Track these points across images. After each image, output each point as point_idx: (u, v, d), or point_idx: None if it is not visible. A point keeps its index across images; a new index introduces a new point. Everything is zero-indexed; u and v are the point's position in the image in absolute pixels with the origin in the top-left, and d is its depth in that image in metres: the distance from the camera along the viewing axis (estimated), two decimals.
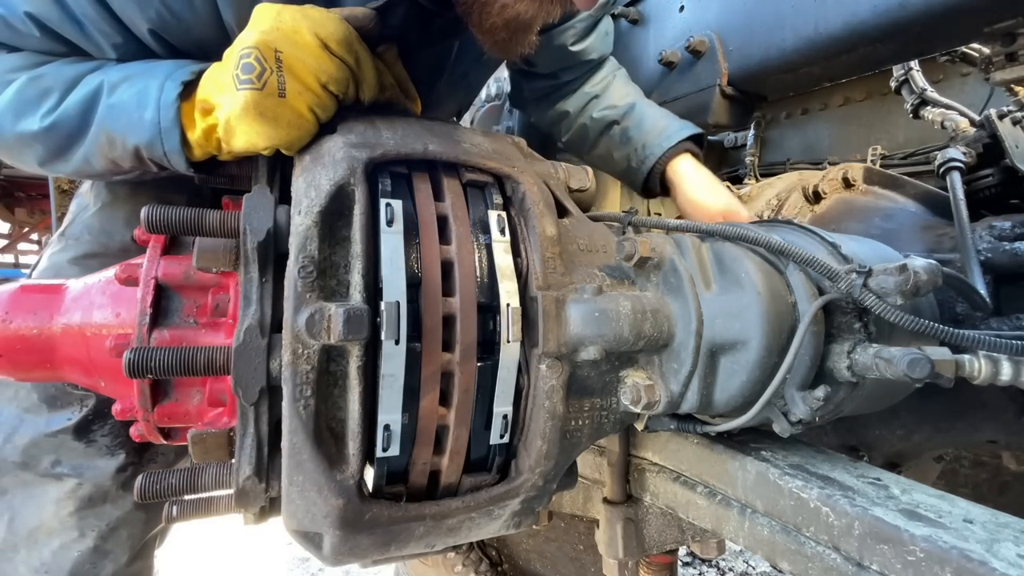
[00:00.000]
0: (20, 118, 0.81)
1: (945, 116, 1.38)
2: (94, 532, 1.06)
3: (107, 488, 1.07)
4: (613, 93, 1.47)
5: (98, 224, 1.12)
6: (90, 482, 1.05)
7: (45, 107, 0.80)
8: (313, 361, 0.58)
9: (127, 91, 0.79)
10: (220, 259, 0.66)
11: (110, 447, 1.07)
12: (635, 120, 1.40)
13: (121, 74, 0.81)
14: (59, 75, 0.82)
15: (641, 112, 1.41)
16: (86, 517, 1.06)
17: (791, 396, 0.70)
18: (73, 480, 1.05)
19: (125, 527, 1.09)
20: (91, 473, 1.05)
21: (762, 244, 0.74)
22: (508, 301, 0.66)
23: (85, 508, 1.06)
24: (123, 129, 0.78)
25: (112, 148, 0.81)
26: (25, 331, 0.73)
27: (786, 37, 1.35)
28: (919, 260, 0.63)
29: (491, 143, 0.78)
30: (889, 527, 0.59)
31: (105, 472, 1.06)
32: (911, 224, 1.16)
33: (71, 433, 1.04)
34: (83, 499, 1.05)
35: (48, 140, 0.82)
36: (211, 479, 0.67)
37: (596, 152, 1.50)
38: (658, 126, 1.37)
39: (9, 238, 7.90)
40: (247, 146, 0.71)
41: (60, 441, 1.04)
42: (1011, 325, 0.87)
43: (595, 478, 1.02)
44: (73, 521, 1.05)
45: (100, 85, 0.80)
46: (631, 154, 1.39)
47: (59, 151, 0.84)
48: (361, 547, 0.64)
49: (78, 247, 1.11)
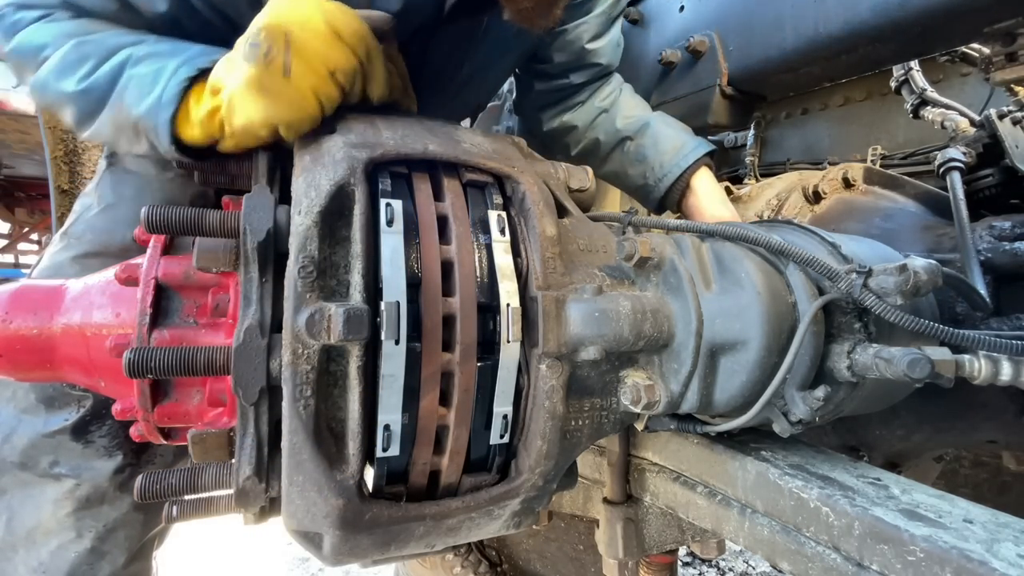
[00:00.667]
0: (60, 79, 0.87)
1: (945, 116, 1.38)
2: (91, 533, 1.06)
3: (105, 489, 1.07)
4: (623, 108, 1.49)
5: (100, 224, 1.13)
6: (88, 483, 1.05)
7: (82, 71, 0.86)
8: (313, 361, 0.58)
9: (148, 67, 0.82)
10: (220, 259, 0.66)
11: (108, 448, 1.07)
12: (650, 138, 1.42)
13: (149, 50, 0.85)
14: (101, 44, 0.87)
15: (656, 131, 1.43)
16: (83, 518, 1.06)
17: (791, 396, 0.70)
18: (71, 481, 1.05)
19: (123, 528, 1.09)
20: (89, 474, 1.05)
21: (762, 244, 0.74)
22: (508, 301, 0.66)
23: (83, 509, 1.06)
24: (132, 100, 0.81)
25: (120, 117, 0.84)
26: (25, 331, 0.73)
27: (786, 37, 1.35)
28: (919, 260, 0.63)
29: (491, 143, 0.78)
30: (889, 527, 0.59)
31: (103, 473, 1.06)
32: (911, 224, 1.16)
33: (69, 434, 1.04)
34: (81, 500, 1.05)
35: (80, 103, 0.87)
36: (211, 479, 0.67)
37: (608, 168, 1.50)
38: (675, 144, 1.39)
39: (9, 238, 7.90)
40: (246, 122, 0.72)
41: (58, 442, 1.04)
42: (1011, 325, 0.87)
43: (595, 478, 1.02)
44: (71, 522, 1.05)
45: (128, 57, 0.84)
46: (647, 172, 1.40)
47: (89, 115, 0.88)
48: (361, 547, 0.64)
49: (79, 246, 1.11)
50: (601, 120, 1.48)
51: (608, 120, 1.47)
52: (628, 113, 1.47)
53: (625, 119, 1.46)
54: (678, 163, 1.35)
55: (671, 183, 1.36)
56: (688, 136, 1.40)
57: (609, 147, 1.48)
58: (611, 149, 1.48)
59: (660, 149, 1.39)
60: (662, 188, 1.38)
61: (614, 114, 1.47)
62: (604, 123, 1.48)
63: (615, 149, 1.47)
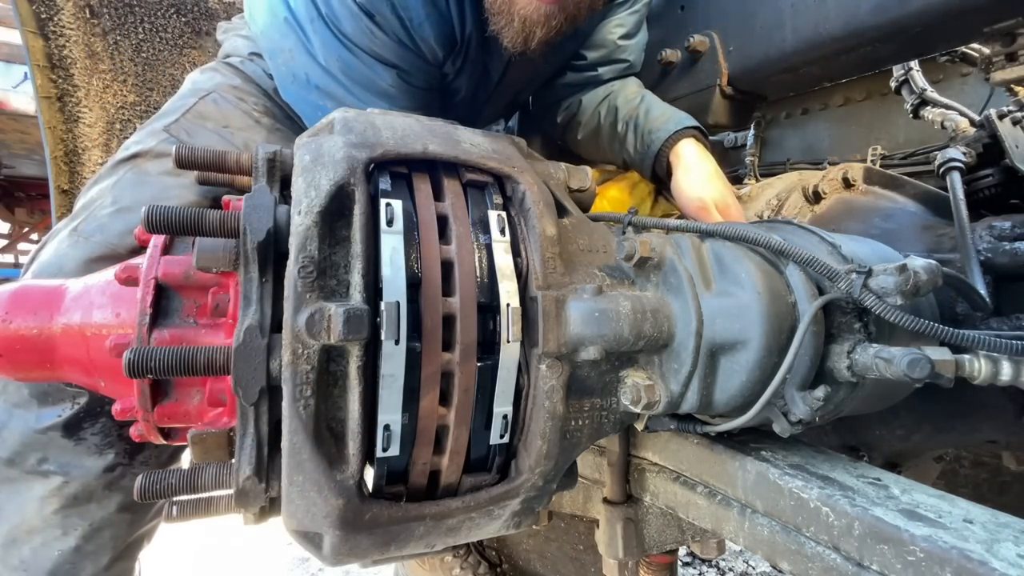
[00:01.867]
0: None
1: (945, 116, 1.38)
2: (77, 531, 1.05)
3: (93, 488, 1.06)
4: (626, 90, 1.58)
5: (114, 226, 1.12)
6: (76, 480, 1.05)
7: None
8: (313, 361, 0.58)
9: None
10: (220, 259, 0.66)
11: (99, 446, 1.06)
12: (644, 109, 1.50)
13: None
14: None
15: (650, 102, 1.51)
16: (70, 516, 1.05)
17: (791, 396, 0.70)
18: (59, 478, 1.04)
19: (109, 528, 1.09)
20: (78, 471, 1.04)
21: (762, 244, 0.74)
22: (508, 301, 0.66)
23: (70, 507, 1.05)
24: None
25: None
26: (25, 331, 0.73)
27: (786, 37, 1.35)
28: (919, 260, 0.63)
29: (491, 143, 0.78)
30: (889, 527, 0.59)
31: (92, 471, 1.05)
32: (911, 224, 1.16)
33: (60, 430, 1.03)
34: (68, 497, 1.04)
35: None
36: (211, 479, 0.66)
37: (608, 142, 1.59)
38: (665, 114, 1.47)
39: (9, 238, 7.89)
40: None
41: (49, 438, 1.03)
42: (1011, 325, 0.87)
43: (595, 478, 1.02)
44: (57, 519, 1.04)
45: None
46: (638, 142, 1.48)
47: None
48: (361, 547, 0.64)
49: (88, 247, 1.10)
50: (605, 101, 1.59)
51: (610, 100, 1.58)
52: (631, 96, 1.56)
53: (627, 100, 1.55)
54: (667, 128, 1.42)
55: (658, 149, 1.43)
56: (681, 113, 1.48)
57: (609, 123, 1.57)
58: (610, 125, 1.56)
59: (651, 117, 1.47)
60: (650, 154, 1.45)
61: (617, 95, 1.58)
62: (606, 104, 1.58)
63: (613, 124, 1.56)
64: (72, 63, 2.16)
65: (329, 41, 1.20)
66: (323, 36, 1.20)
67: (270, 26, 1.30)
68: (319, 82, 1.27)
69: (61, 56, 2.15)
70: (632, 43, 1.58)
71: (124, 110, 2.30)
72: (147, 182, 1.18)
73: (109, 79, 2.25)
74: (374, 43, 1.19)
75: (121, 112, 2.29)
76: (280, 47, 1.30)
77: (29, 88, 3.13)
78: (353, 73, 1.24)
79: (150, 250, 0.72)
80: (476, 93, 1.48)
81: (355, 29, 1.17)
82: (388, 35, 1.19)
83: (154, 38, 2.33)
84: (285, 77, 1.34)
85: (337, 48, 1.21)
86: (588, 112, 1.61)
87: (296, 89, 1.34)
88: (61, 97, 2.17)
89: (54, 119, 2.17)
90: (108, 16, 2.22)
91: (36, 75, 2.11)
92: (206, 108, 1.35)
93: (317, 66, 1.25)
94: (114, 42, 2.25)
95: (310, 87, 1.29)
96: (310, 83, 1.28)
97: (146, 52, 2.32)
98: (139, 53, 2.31)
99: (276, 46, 1.31)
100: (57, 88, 2.16)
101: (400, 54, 1.22)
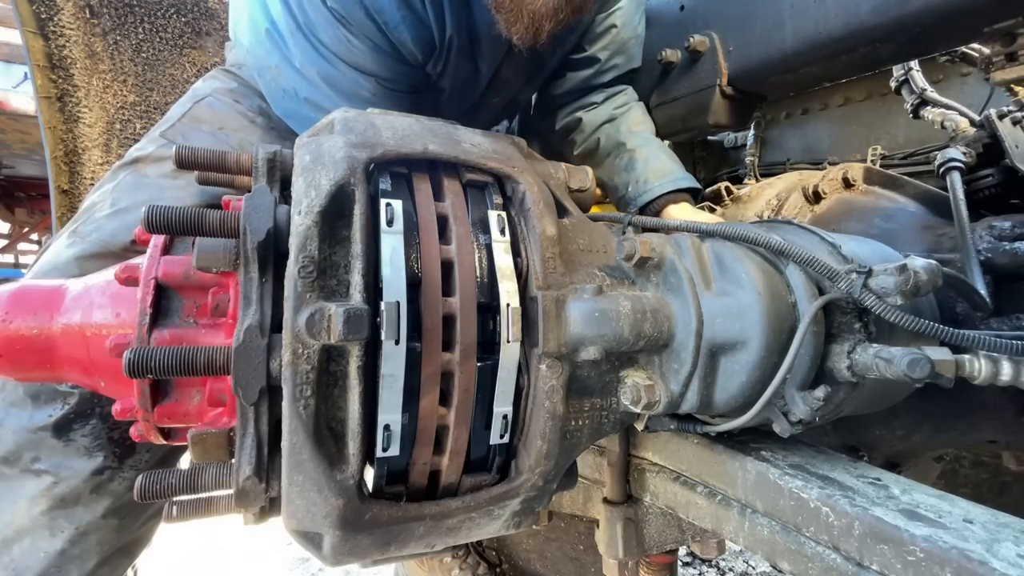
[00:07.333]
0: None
1: (945, 116, 1.38)
2: (64, 534, 1.05)
3: (80, 491, 1.05)
4: (630, 119, 1.55)
5: (109, 225, 1.14)
6: (65, 482, 1.04)
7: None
8: (313, 361, 0.58)
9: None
10: (220, 259, 0.66)
11: (88, 448, 1.06)
12: (643, 155, 1.47)
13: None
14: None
15: (652, 150, 1.49)
16: (57, 518, 1.05)
17: (791, 396, 0.70)
18: (50, 478, 1.04)
19: (95, 533, 1.08)
20: (67, 472, 1.04)
21: (762, 244, 0.74)
22: (508, 301, 0.66)
23: (57, 508, 1.04)
24: None
25: None
26: (25, 331, 0.73)
27: (786, 37, 1.35)
28: (919, 260, 0.63)
29: (491, 143, 0.78)
30: (889, 527, 0.59)
31: (80, 473, 1.05)
32: (911, 224, 1.16)
33: (51, 430, 1.03)
34: (56, 498, 1.04)
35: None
36: (211, 479, 0.66)
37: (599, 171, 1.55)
38: (665, 168, 1.45)
39: (9, 238, 7.89)
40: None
41: (40, 438, 1.03)
42: (1011, 325, 0.87)
43: (595, 478, 1.02)
44: (45, 520, 1.04)
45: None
46: (631, 184, 1.46)
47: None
48: (361, 547, 0.64)
49: (83, 244, 1.11)
50: (607, 126, 1.55)
51: (613, 127, 1.54)
52: (634, 127, 1.54)
53: (630, 131, 1.52)
54: (662, 184, 1.42)
55: (647, 201, 1.42)
56: (679, 167, 1.47)
57: (606, 152, 1.54)
58: (607, 154, 1.53)
59: (649, 167, 1.45)
60: (639, 203, 1.43)
61: (620, 123, 1.54)
62: (609, 129, 1.54)
63: (611, 155, 1.53)
64: (72, 63, 2.16)
65: (308, 52, 1.21)
66: (303, 48, 1.21)
67: (255, 44, 1.32)
68: (307, 94, 1.28)
69: (61, 56, 2.15)
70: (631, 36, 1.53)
71: (124, 110, 2.30)
72: (145, 184, 1.19)
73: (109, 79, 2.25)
74: (351, 52, 1.19)
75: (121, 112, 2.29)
76: (267, 64, 1.31)
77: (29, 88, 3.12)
78: (335, 83, 1.24)
79: (150, 250, 0.72)
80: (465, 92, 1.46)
81: (332, 38, 1.17)
82: (364, 43, 1.18)
83: (154, 38, 2.34)
84: (275, 92, 1.35)
85: (317, 60, 1.21)
86: (587, 132, 1.57)
87: (287, 103, 1.35)
88: (61, 97, 2.17)
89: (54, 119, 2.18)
90: (108, 16, 2.23)
91: (36, 75, 2.12)
92: (201, 111, 1.37)
93: (303, 79, 1.26)
94: (114, 42, 2.25)
95: (299, 100, 1.30)
96: (299, 96, 1.29)
97: (146, 52, 2.33)
98: (139, 53, 2.31)
99: (263, 63, 1.33)
100: (57, 88, 2.16)
101: (379, 61, 1.21)
